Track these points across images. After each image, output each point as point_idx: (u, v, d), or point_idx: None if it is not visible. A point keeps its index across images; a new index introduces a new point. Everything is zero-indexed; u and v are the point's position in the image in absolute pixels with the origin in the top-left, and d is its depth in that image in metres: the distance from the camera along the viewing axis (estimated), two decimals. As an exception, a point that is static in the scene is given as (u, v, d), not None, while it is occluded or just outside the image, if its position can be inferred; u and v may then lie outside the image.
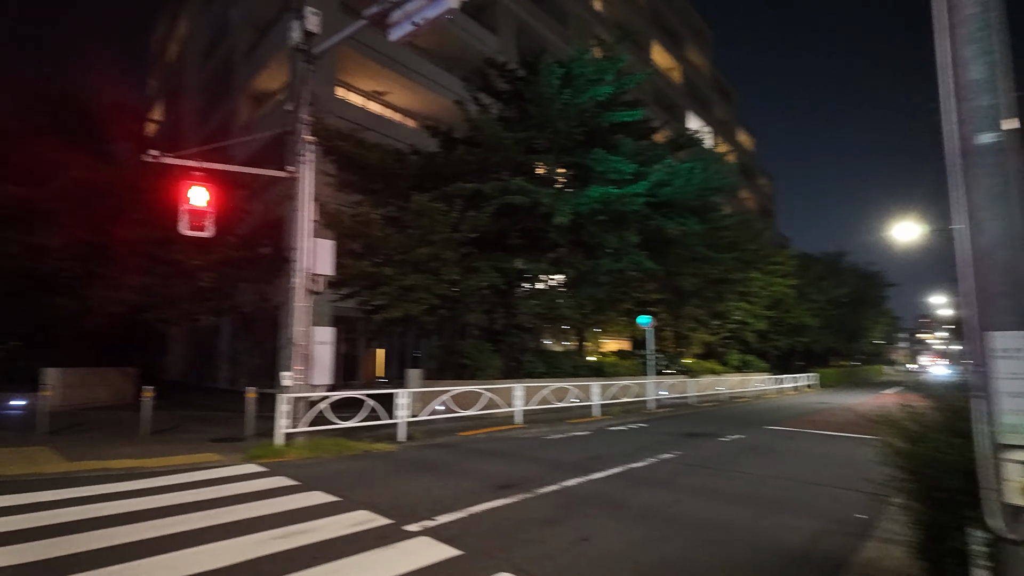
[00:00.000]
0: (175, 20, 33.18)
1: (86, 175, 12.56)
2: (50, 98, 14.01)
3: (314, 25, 7.99)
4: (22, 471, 6.41)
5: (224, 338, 22.76)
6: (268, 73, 20.86)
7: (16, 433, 9.40)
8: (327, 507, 5.06)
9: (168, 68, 34.45)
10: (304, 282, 8.29)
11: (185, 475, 6.39)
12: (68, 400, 13.02)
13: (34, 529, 4.32)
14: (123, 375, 15.74)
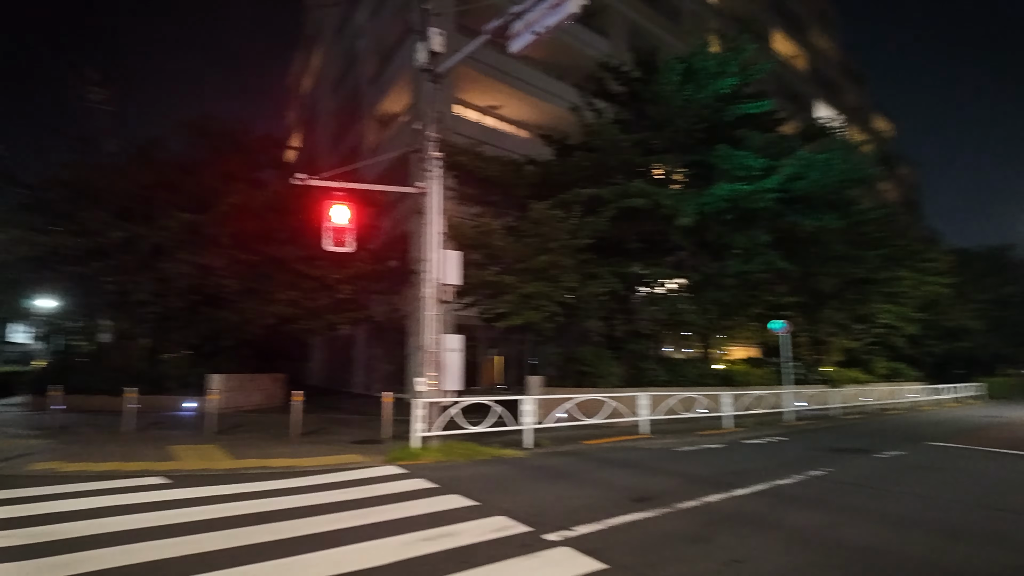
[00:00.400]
0: (309, 56, 36.39)
1: (242, 200, 14.04)
2: (212, 134, 15.85)
3: (438, 45, 8.34)
4: (198, 466, 7.21)
5: (359, 346, 24.40)
6: (392, 97, 22.17)
7: (190, 432, 10.64)
8: (467, 511, 5.16)
9: (304, 100, 37.81)
10: (434, 292, 8.62)
11: (334, 475, 6.84)
12: (230, 403, 14.54)
13: (211, 520, 4.79)
14: (274, 380, 17.34)
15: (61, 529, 4.46)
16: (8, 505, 5.22)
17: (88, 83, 17.54)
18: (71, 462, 7.31)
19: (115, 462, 7.34)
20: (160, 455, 7.92)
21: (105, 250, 13.03)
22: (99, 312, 15.65)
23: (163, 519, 4.79)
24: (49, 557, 3.83)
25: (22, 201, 14.58)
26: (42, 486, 6.05)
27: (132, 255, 13.24)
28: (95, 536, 4.30)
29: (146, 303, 13.27)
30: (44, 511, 5.02)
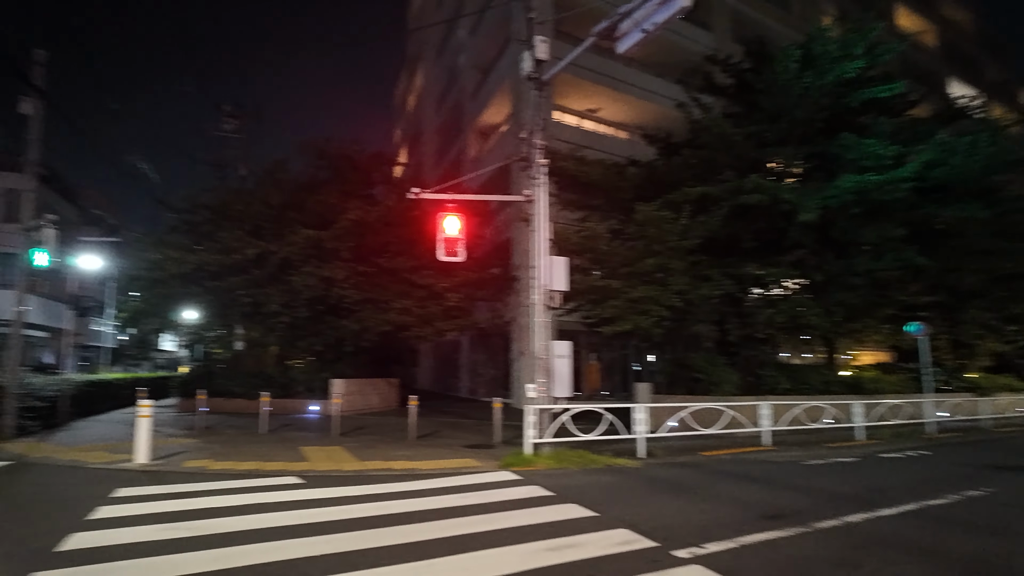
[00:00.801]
0: (413, 76, 38.08)
1: (358, 216, 14.89)
2: (329, 155, 16.96)
3: (543, 52, 8.38)
4: (328, 467, 7.66)
5: (463, 351, 25.05)
6: (492, 109, 22.64)
7: (317, 434, 11.37)
8: (587, 522, 5.07)
9: (409, 118, 39.59)
10: (542, 298, 8.63)
11: (452, 479, 7.01)
12: (350, 406, 15.41)
13: (345, 521, 5.05)
14: (388, 385, 18.18)
15: (215, 524, 4.88)
16: (170, 500, 5.82)
17: (224, 116, 19.47)
18: (218, 461, 8.04)
19: (256, 462, 7.98)
20: (293, 456, 8.51)
21: (241, 265, 14.33)
22: (235, 322, 17.19)
23: (301, 518, 5.11)
24: (208, 550, 4.19)
25: (172, 224, 16.42)
26: (196, 483, 6.70)
27: (264, 269, 14.45)
28: (244, 532, 4.66)
29: (276, 313, 14.42)
30: (200, 506, 5.53)
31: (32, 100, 10.67)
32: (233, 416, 14.35)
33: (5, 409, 10.13)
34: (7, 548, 4.22)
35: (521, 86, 18.96)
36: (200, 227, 15.36)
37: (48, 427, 11.59)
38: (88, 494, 6.00)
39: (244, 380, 15.84)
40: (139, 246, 16.58)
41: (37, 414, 11.18)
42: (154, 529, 4.70)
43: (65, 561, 3.93)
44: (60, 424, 12.10)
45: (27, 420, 10.71)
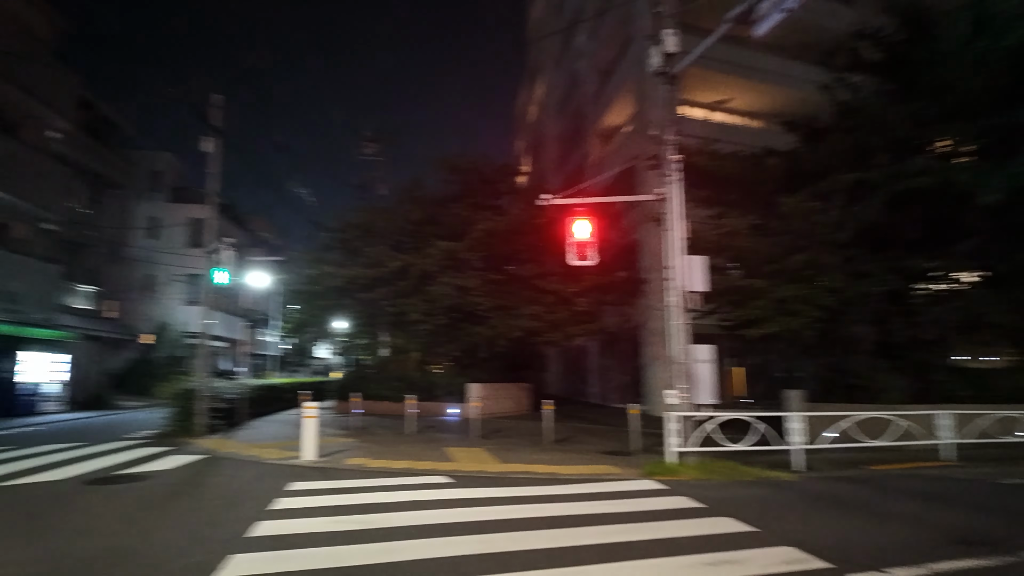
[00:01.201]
0: (533, 87, 38.71)
1: (488, 227, 15.39)
2: (460, 170, 17.73)
3: (672, 45, 8.11)
4: (473, 468, 7.93)
5: (592, 357, 24.86)
6: (614, 111, 22.36)
7: (459, 436, 11.83)
8: (746, 537, 4.77)
9: (530, 128, 40.27)
10: (680, 300, 8.31)
11: (595, 485, 6.95)
12: (486, 410, 15.85)
13: (494, 522, 5.18)
14: (520, 389, 18.51)
15: (378, 519, 5.23)
16: (337, 494, 6.33)
17: (365, 141, 21.13)
18: (375, 459, 8.64)
19: (407, 461, 8.47)
20: (440, 456, 8.92)
21: (386, 278, 15.42)
22: (381, 330, 18.50)
23: (454, 516, 5.32)
24: (375, 543, 4.49)
25: (326, 243, 18.08)
26: (357, 479, 7.24)
27: (406, 281, 15.42)
28: (405, 528, 4.94)
29: (417, 321, 15.33)
30: (363, 501, 5.96)
31: (212, 139, 12.26)
32: (382, 417, 15.38)
33: (198, 410, 11.70)
34: (209, 532, 4.83)
35: (645, 84, 18.58)
36: (350, 244, 16.75)
37: (231, 425, 13.18)
38: (268, 486, 6.71)
39: (391, 384, 16.94)
40: (299, 264, 18.46)
41: (222, 414, 12.77)
42: (326, 521, 5.14)
43: (255, 546, 4.41)
44: (240, 423, 13.71)
45: (215, 419, 12.27)
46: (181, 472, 7.80)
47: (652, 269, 17.02)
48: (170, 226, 27.43)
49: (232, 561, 4.02)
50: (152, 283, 27.95)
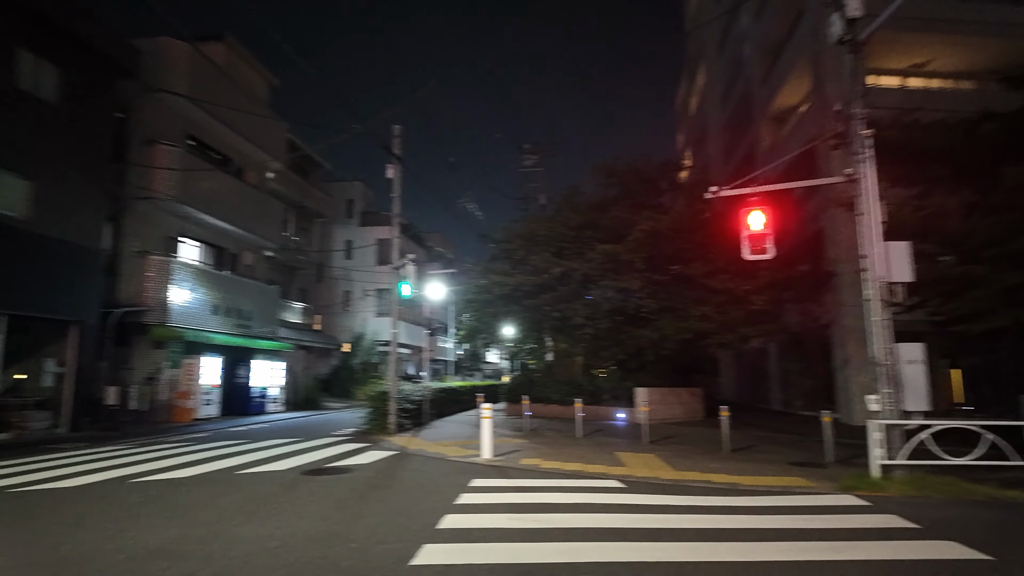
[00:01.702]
0: (693, 78, 37.11)
1: (649, 226, 15.02)
2: (618, 172, 17.57)
3: (856, 8, 7.24)
4: (645, 474, 7.74)
5: (772, 360, 22.96)
6: (786, 91, 20.58)
7: (627, 440, 11.65)
8: (978, 566, 4.05)
9: (691, 121, 38.60)
10: (879, 293, 7.34)
11: (782, 498, 6.40)
12: (654, 415, 15.39)
13: (671, 530, 5.00)
14: (691, 394, 17.70)
15: (554, 519, 5.33)
16: (514, 492, 6.58)
17: (525, 154, 21.87)
18: (547, 460, 8.85)
19: (579, 464, 8.55)
20: (610, 460, 8.86)
21: (549, 284, 15.77)
22: (546, 335, 18.93)
23: (629, 522, 5.23)
24: (552, 543, 4.57)
25: (493, 254, 19.02)
26: (532, 479, 7.47)
27: (568, 286, 15.63)
28: (580, 530, 4.97)
29: (580, 325, 15.44)
30: (539, 501, 6.12)
31: (394, 166, 13.55)
32: (550, 420, 15.71)
33: (390, 410, 12.94)
34: (404, 521, 5.30)
35: (822, 57, 16.84)
36: (514, 254, 17.43)
37: (417, 425, 14.38)
38: (452, 482, 7.20)
39: (557, 388, 17.26)
40: (470, 275, 19.64)
41: (409, 415, 13.99)
42: (505, 518, 5.37)
43: (445, 537, 4.75)
44: (424, 423, 14.90)
45: (403, 419, 13.48)
46: (378, 466, 8.68)
47: (842, 260, 15.29)
48: (361, 247, 30.86)
49: (425, 550, 4.37)
50: (348, 298, 31.67)
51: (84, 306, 14.10)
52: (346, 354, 29.57)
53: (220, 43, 20.08)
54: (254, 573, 3.89)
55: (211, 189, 18.60)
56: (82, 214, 14.14)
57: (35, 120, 12.97)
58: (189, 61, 17.44)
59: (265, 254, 22.97)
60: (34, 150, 12.88)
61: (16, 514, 5.60)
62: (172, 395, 16.67)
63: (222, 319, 18.76)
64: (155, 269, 16.53)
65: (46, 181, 13.12)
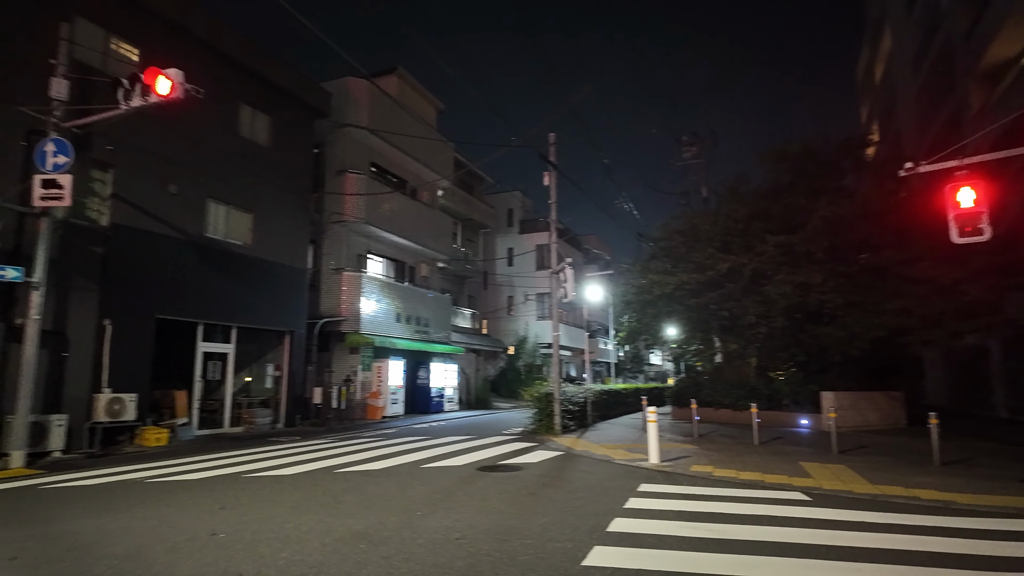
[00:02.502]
0: (878, 42, 32.87)
1: (830, 213, 13.63)
2: (789, 157, 16.18)
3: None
4: (834, 487, 7.06)
5: (994, 359, 19.42)
6: (1000, 41, 17.35)
7: (812, 449, 10.66)
8: None
9: (876, 91, 34.21)
10: None
11: (1010, 521, 5.46)
12: (844, 422, 13.87)
13: (867, 550, 4.51)
14: (890, 399, 15.64)
15: (728, 530, 5.10)
16: (684, 500, 6.42)
17: (683, 146, 21.06)
18: (720, 468, 8.45)
19: (756, 473, 8.05)
20: (793, 470, 8.21)
21: (714, 281, 14.96)
22: (713, 335, 17.99)
23: (815, 538, 4.83)
24: (726, 555, 4.39)
25: (652, 253, 18.57)
26: (703, 487, 7.20)
27: (736, 283, 14.70)
28: (757, 543, 4.70)
29: (752, 324, 14.40)
30: (711, 510, 5.90)
31: (550, 173, 13.92)
32: (721, 425, 14.94)
33: (555, 411, 13.27)
34: (574, 521, 5.44)
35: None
36: (675, 251, 16.83)
37: (581, 426, 14.56)
38: (620, 485, 7.22)
39: (728, 391, 16.34)
40: (628, 275, 19.35)
41: (573, 416, 14.21)
42: (676, 525, 5.26)
43: (615, 540, 4.79)
44: (587, 425, 15.03)
45: (567, 420, 13.73)
46: (546, 465, 8.97)
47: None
48: (521, 254, 32.02)
49: (596, 551, 4.46)
50: (511, 303, 33.04)
51: (295, 318, 16.45)
52: (511, 356, 30.83)
53: (393, 75, 22.21)
54: (439, 561, 4.28)
55: (391, 210, 20.65)
56: (291, 239, 16.52)
57: (253, 162, 15.44)
58: (368, 96, 19.57)
59: (438, 265, 24.89)
60: (253, 188, 15.34)
61: (252, 497, 6.73)
62: (365, 395, 18.73)
63: (404, 326, 20.67)
64: (348, 284, 18.75)
65: (262, 213, 15.56)
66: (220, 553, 4.48)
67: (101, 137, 11.32)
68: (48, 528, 5.30)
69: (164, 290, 12.78)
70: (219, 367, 14.67)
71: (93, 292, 11.32)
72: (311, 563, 4.23)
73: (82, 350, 11.08)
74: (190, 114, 12.48)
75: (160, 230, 12.78)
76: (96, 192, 11.84)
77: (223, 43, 14.43)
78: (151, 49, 12.52)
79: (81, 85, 10.70)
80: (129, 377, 11.65)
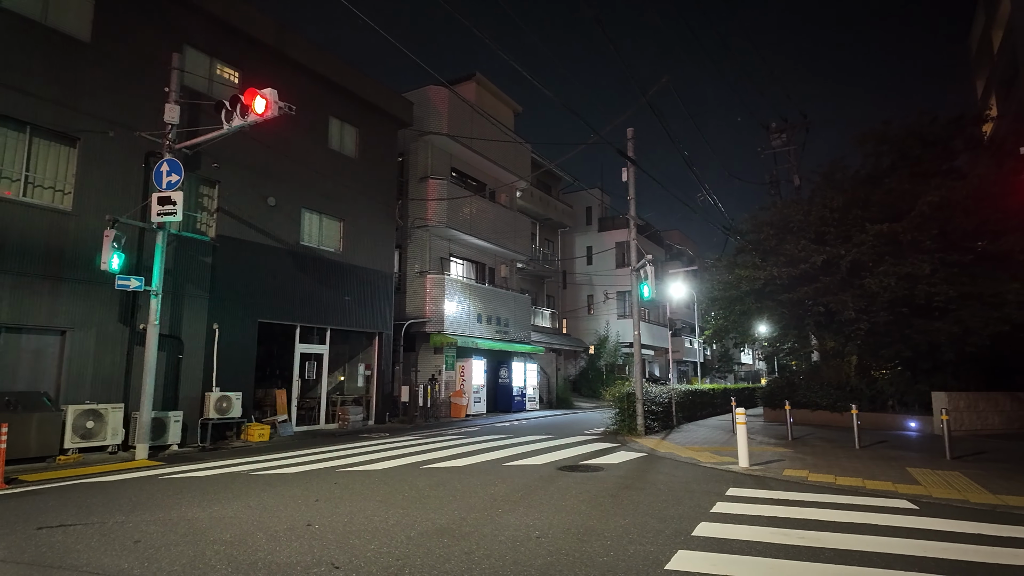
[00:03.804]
0: (994, 7, 29.73)
1: (939, 196, 12.53)
2: (892, 138, 14.99)
3: None
4: (946, 495, 6.48)
5: None
6: None
7: (921, 454, 9.83)
8: None
9: (994, 61, 30.95)
10: None
11: None
12: (959, 425, 12.71)
13: (984, 565, 4.12)
14: (1015, 400, 14.10)
15: (823, 537, 4.81)
16: (776, 505, 6.10)
17: (772, 133, 20.00)
18: (816, 473, 7.98)
19: (856, 479, 7.53)
20: (899, 476, 7.62)
21: (809, 274, 14.07)
22: (808, 332, 16.95)
23: (922, 550, 4.45)
24: (820, 563, 4.14)
25: (739, 247, 17.75)
26: (797, 492, 6.82)
27: (833, 276, 13.76)
28: (856, 552, 4.39)
29: (851, 320, 13.40)
30: (805, 516, 5.58)
31: (628, 168, 13.69)
32: (818, 428, 14.09)
33: (637, 411, 13.01)
34: (657, 525, 5.32)
35: None
36: (764, 244, 15.99)
37: (665, 427, 14.19)
38: (706, 489, 6.98)
39: (825, 392, 15.38)
40: (714, 271, 18.60)
41: (656, 417, 13.87)
42: (766, 531, 5.02)
43: (700, 545, 4.64)
44: (672, 426, 14.62)
45: (651, 421, 13.43)
46: (628, 466, 8.82)
47: None
48: (600, 252, 31.65)
49: (680, 556, 4.34)
50: (591, 302, 32.72)
51: (383, 320, 17.15)
52: (591, 356, 30.54)
53: (471, 82, 22.66)
54: (519, 559, 4.32)
55: (471, 213, 21.07)
56: (378, 245, 17.25)
57: (342, 172, 16.25)
58: (447, 103, 20.08)
59: (517, 266, 25.10)
60: (344, 197, 16.16)
61: (344, 490, 7.08)
62: (449, 394, 19.22)
63: (485, 326, 21.02)
64: (431, 286, 19.33)
65: (351, 220, 16.35)
66: (315, 543, 4.75)
67: (208, 156, 12.34)
68: (167, 514, 5.84)
69: (265, 295, 13.74)
70: (315, 367, 15.56)
71: (203, 299, 12.36)
72: (397, 555, 4.39)
73: (194, 352, 12.13)
74: (285, 130, 13.39)
75: (260, 239, 13.74)
76: (204, 206, 12.91)
77: (313, 62, 15.30)
78: (250, 71, 13.51)
79: (190, 109, 11.73)
80: (235, 377, 12.62)
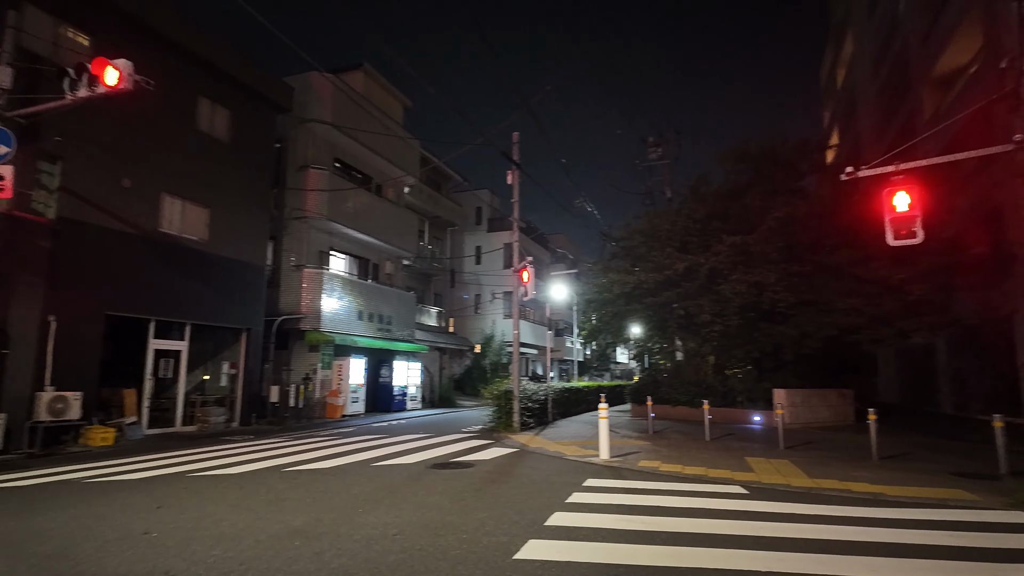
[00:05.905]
0: (840, 45, 33.72)
1: (785, 213, 13.96)
2: (749, 157, 16.51)
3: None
4: (774, 480, 7.25)
5: (941, 357, 20.14)
6: (952, 49, 17.94)
7: (761, 445, 10.92)
8: None
9: (838, 94, 35.11)
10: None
11: (935, 511, 5.68)
12: (795, 418, 14.27)
13: (794, 540, 4.64)
14: (841, 397, 16.11)
15: (665, 522, 5.19)
16: (627, 494, 6.49)
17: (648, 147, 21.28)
18: (667, 463, 8.59)
19: (701, 468, 8.20)
20: (737, 465, 8.40)
21: (672, 280, 15.16)
22: (672, 334, 18.23)
23: (747, 529, 4.94)
24: (659, 546, 4.47)
25: (613, 252, 18.74)
26: (648, 481, 7.31)
27: (693, 282, 14.92)
28: (691, 535, 4.79)
29: (708, 323, 14.63)
30: (652, 503, 6.00)
31: (513, 171, 13.93)
32: (677, 422, 15.17)
33: (514, 409, 13.29)
34: (513, 516, 5.46)
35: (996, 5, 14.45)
36: (636, 251, 17.00)
37: (540, 424, 14.62)
38: (567, 481, 7.27)
39: (685, 389, 16.61)
40: (591, 274, 19.48)
41: (533, 414, 14.26)
42: (614, 519, 5.33)
43: (550, 534, 4.83)
44: (548, 422, 15.10)
45: (527, 418, 13.77)
46: (497, 462, 8.98)
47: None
48: (489, 252, 31.97)
49: (529, 545, 4.49)
50: (479, 301, 32.95)
51: (252, 315, 16.12)
52: (478, 354, 30.77)
53: (359, 72, 21.92)
54: (372, 556, 4.26)
55: (355, 206, 20.38)
56: (250, 235, 16.18)
57: (212, 156, 15.07)
58: (332, 92, 19.25)
59: (403, 263, 24.65)
60: (212, 183, 14.97)
61: (192, 495, 6.58)
62: (324, 393, 18.47)
63: (366, 324, 20.44)
64: (309, 280, 18.45)
65: (220, 208, 15.20)
66: (150, 551, 4.38)
67: (50, 128, 10.93)
68: (-33, 529, 5.11)
69: (115, 286, 12.41)
70: (172, 365, 14.31)
71: (37, 287, 10.92)
72: (241, 559, 4.16)
73: (24, 347, 10.67)
74: (146, 106, 12.16)
75: (112, 224, 12.39)
76: (44, 184, 11.42)
77: (180, 35, 14.02)
78: (103, 39, 12.11)
79: (28, 74, 10.31)
80: (75, 375, 11.27)
